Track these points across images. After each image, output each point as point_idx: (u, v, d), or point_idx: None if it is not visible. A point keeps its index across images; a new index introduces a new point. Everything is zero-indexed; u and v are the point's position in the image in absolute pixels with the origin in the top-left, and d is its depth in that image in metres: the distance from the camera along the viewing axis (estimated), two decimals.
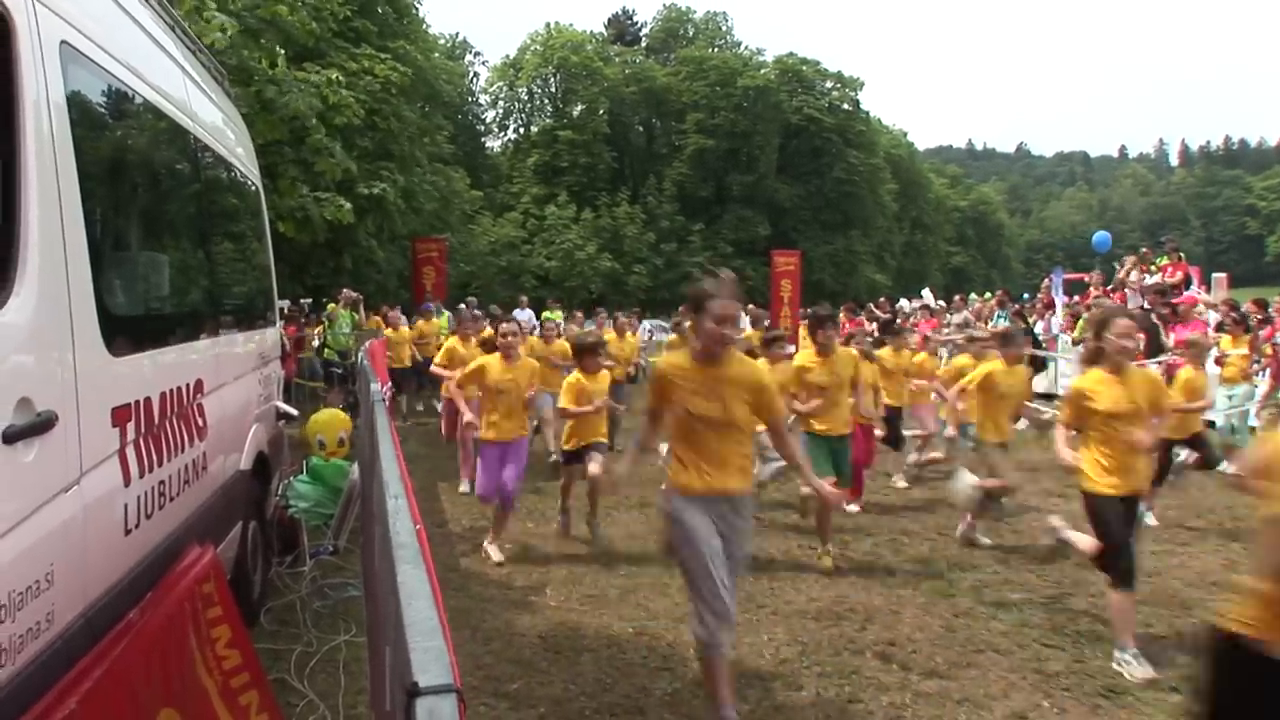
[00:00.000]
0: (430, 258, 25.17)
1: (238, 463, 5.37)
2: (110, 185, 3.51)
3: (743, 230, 62.11)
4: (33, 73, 2.65)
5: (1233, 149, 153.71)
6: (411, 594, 2.09)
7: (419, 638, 1.82)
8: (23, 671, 2.39)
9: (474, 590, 6.58)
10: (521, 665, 5.26)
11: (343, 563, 7.05)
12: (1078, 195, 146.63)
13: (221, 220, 5.72)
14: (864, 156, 66.59)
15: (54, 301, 2.71)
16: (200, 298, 4.93)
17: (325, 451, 7.65)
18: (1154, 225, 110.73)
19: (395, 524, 2.76)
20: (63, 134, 2.82)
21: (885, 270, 68.43)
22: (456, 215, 33.28)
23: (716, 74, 64.92)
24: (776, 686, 5.01)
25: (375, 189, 21.19)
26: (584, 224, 57.36)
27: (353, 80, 19.38)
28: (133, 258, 3.90)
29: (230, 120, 6.41)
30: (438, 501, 9.47)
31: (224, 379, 5.03)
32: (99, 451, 3.02)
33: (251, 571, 5.70)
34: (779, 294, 28.86)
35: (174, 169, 4.58)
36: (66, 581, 2.68)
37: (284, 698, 4.60)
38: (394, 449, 4.34)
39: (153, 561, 3.48)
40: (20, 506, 2.47)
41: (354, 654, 5.30)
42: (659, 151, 66.94)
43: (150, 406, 3.59)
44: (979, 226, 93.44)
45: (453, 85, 39.02)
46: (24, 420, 2.46)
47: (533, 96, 67.25)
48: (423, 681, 1.61)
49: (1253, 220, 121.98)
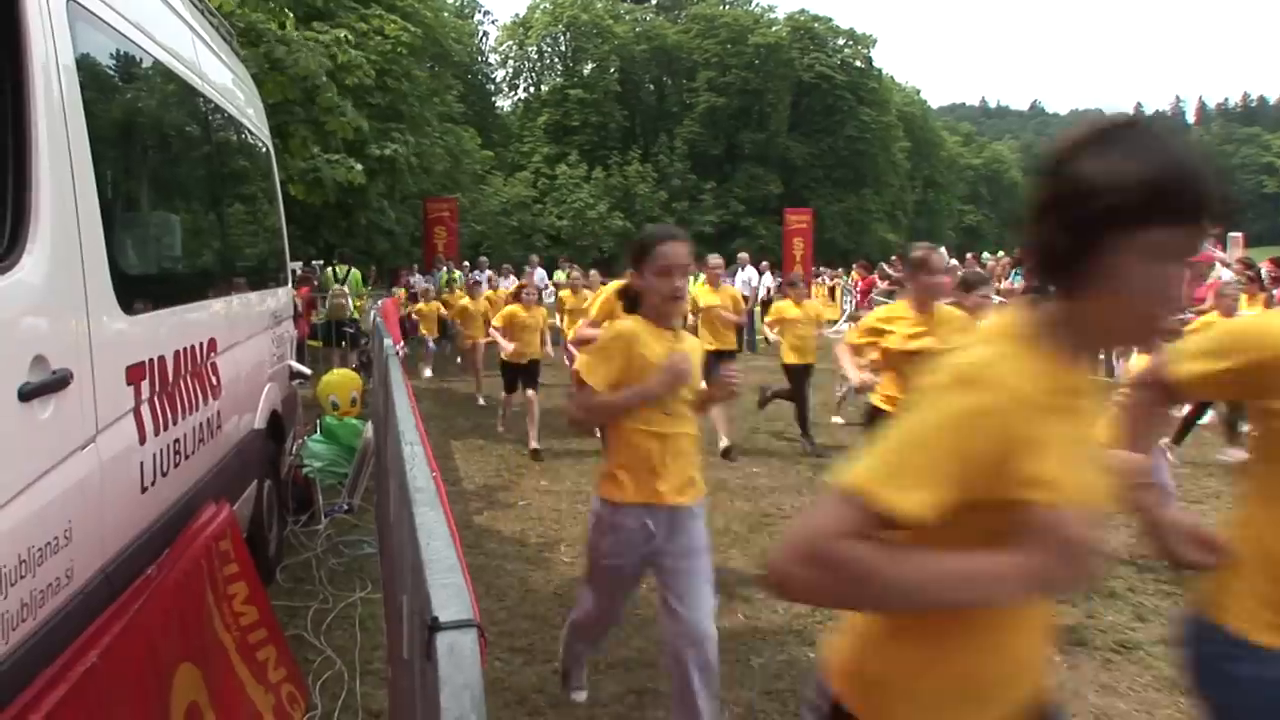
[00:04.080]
0: (441, 218, 25.19)
1: (252, 422, 5.40)
2: (120, 146, 3.51)
3: (754, 189, 61.77)
4: (41, 33, 2.63)
5: (1251, 106, 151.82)
6: (430, 534, 2.10)
7: (438, 575, 1.82)
8: (44, 625, 2.42)
9: (488, 547, 6.63)
10: (536, 620, 5.31)
11: (357, 521, 7.11)
12: None
13: (232, 181, 5.72)
14: (876, 114, 66.04)
15: (67, 261, 2.72)
16: (212, 258, 4.94)
17: (339, 412, 7.69)
18: None
19: (412, 469, 2.77)
20: (72, 94, 2.82)
21: (898, 229, 67.99)
22: (467, 175, 33.14)
23: (727, 31, 64.34)
24: (790, 641, 5.05)
25: (386, 150, 21.11)
26: (595, 183, 57.11)
27: (363, 40, 19.25)
28: (144, 218, 3.91)
29: (240, 81, 6.39)
30: (451, 460, 9.52)
31: (237, 338, 5.05)
32: (114, 409, 3.04)
33: (267, 529, 5.75)
34: (791, 252, 28.80)
35: (184, 129, 4.57)
36: (85, 537, 2.70)
37: (301, 653, 4.66)
38: (409, 400, 4.36)
39: (169, 519, 3.51)
40: (38, 464, 2.49)
41: (370, 610, 5.35)
42: (670, 110, 66.48)
43: (164, 365, 3.60)
44: (992, 185, 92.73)
45: (462, 45, 38.64)
46: (39, 378, 2.48)
47: (543, 55, 66.78)
48: (443, 617, 1.61)
49: (1270, 179, 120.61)
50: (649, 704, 4.36)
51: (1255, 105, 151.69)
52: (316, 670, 4.61)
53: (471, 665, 1.55)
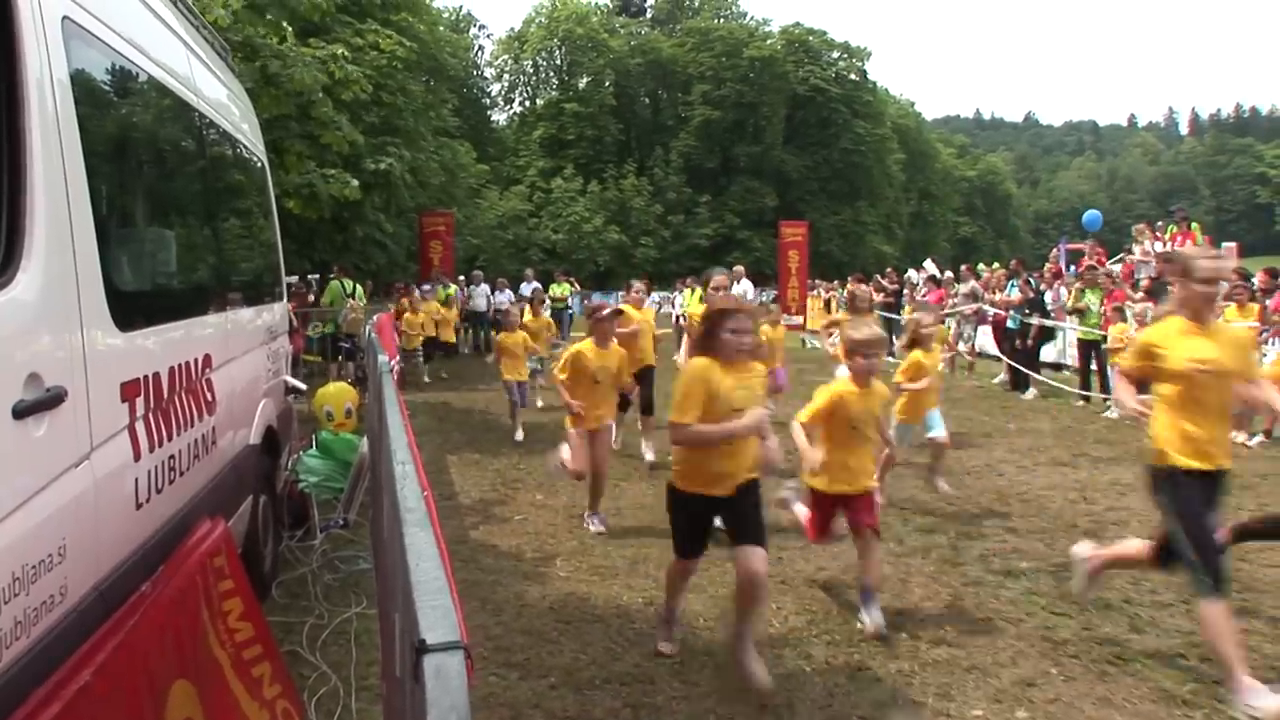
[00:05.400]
0: (437, 231, 25.18)
1: (247, 437, 5.40)
2: (115, 162, 3.51)
3: (750, 201, 62.00)
4: (35, 49, 2.64)
5: (1244, 117, 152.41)
6: (419, 555, 2.10)
7: (426, 597, 1.83)
8: (38, 643, 2.42)
9: (484, 562, 6.62)
10: (532, 635, 5.30)
11: (353, 536, 7.10)
12: (1086, 165, 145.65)
13: (227, 196, 5.72)
14: (871, 127, 66.35)
15: (61, 278, 2.72)
16: (207, 274, 4.94)
17: (333, 424, 7.68)
18: (1163, 195, 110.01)
19: (403, 489, 2.78)
20: (67, 110, 2.82)
21: (893, 241, 68.25)
22: (463, 189, 33.18)
23: (722, 45, 64.65)
24: (786, 654, 5.04)
25: (382, 164, 21.14)
26: (590, 196, 57.28)
27: (359, 55, 19.28)
28: (139, 234, 3.91)
29: (235, 96, 6.40)
30: (446, 474, 9.51)
31: (232, 354, 5.05)
32: (109, 426, 3.04)
33: (262, 545, 5.74)
34: (787, 265, 28.81)
35: (179, 145, 4.58)
36: (79, 555, 2.70)
37: (296, 669, 4.64)
38: (402, 418, 4.36)
39: (164, 535, 3.51)
40: (32, 481, 2.49)
41: (365, 626, 5.34)
42: (665, 123, 66.74)
43: (159, 381, 3.60)
44: (987, 196, 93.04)
45: (457, 58, 38.82)
46: (33, 396, 2.48)
47: (538, 69, 67.09)
48: (430, 639, 1.62)
49: (1263, 189, 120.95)
50: (645, 718, 4.35)
51: (1248, 116, 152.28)
52: (312, 686, 4.59)
53: (458, 687, 1.55)
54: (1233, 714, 4.29)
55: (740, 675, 4.52)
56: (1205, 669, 4.71)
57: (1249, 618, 5.41)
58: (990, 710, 4.42)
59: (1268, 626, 5.32)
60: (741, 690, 4.54)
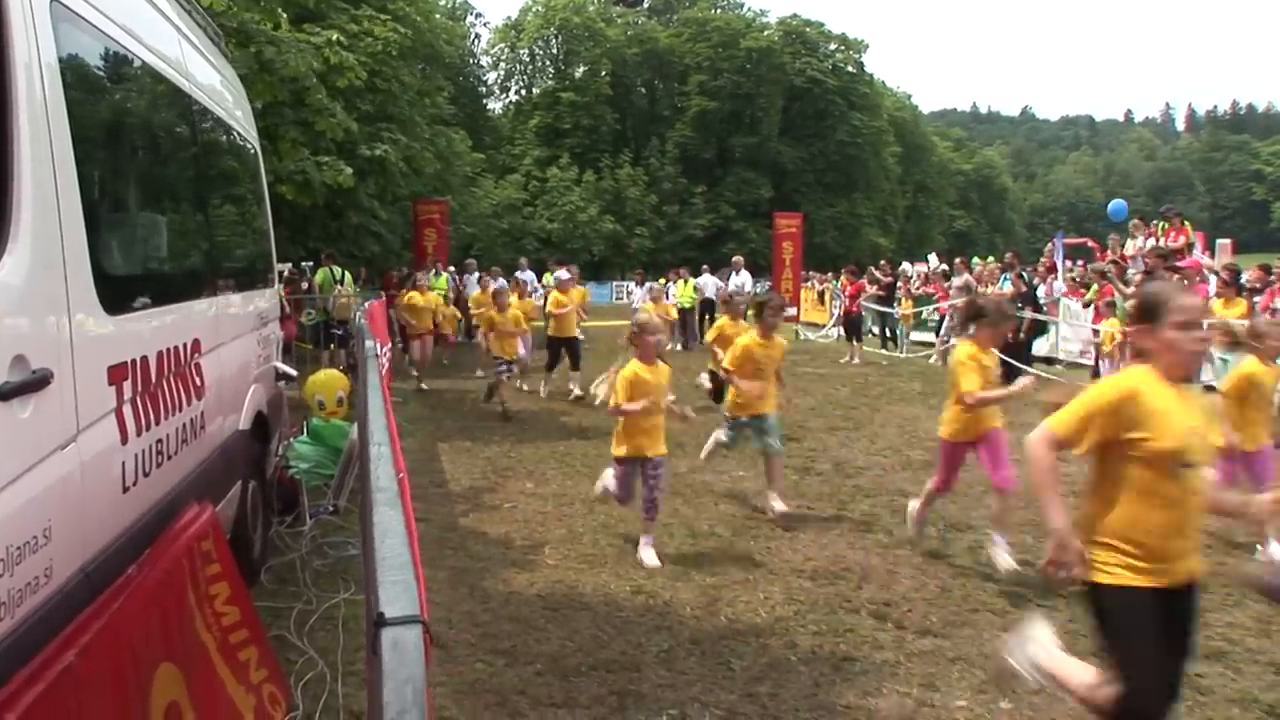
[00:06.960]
0: (432, 219, 25.09)
1: (237, 422, 5.40)
2: (105, 147, 3.51)
3: (745, 192, 61.99)
4: (23, 33, 2.64)
5: (1240, 114, 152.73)
6: (385, 532, 2.11)
7: (389, 572, 1.84)
8: (22, 624, 2.43)
9: (473, 549, 6.63)
10: (519, 623, 5.31)
11: (342, 522, 7.11)
12: (1082, 159, 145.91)
13: (219, 182, 5.71)
14: (867, 119, 66.34)
15: (48, 261, 2.73)
16: (198, 259, 4.94)
17: (325, 412, 7.69)
18: (1159, 190, 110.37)
19: (376, 470, 2.80)
20: (55, 94, 2.82)
21: (888, 233, 68.29)
22: (458, 177, 33.07)
23: (719, 35, 64.59)
24: (772, 644, 5.06)
25: (376, 150, 21.07)
26: (586, 186, 57.23)
27: (354, 42, 19.18)
28: (128, 219, 3.91)
29: (228, 82, 6.39)
30: (437, 461, 9.53)
31: (222, 339, 5.05)
32: (95, 409, 3.05)
33: (251, 530, 5.74)
34: (781, 256, 28.75)
35: (169, 130, 4.57)
36: (64, 537, 2.71)
37: (283, 654, 4.66)
38: (383, 402, 4.37)
39: (151, 519, 3.52)
40: (17, 463, 2.49)
41: (353, 611, 5.35)
42: (661, 113, 66.70)
43: (147, 365, 3.61)
44: (982, 190, 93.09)
45: (453, 47, 38.63)
46: (19, 378, 2.49)
47: (534, 58, 66.93)
48: (389, 613, 1.63)
49: (1259, 186, 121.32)
50: (630, 705, 4.36)
51: (1244, 113, 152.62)
52: (299, 671, 4.60)
53: (415, 660, 1.56)
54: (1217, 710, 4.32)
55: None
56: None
57: (1234, 611, 5.45)
58: (974, 701, 4.45)
59: (1251, 620, 5.36)
60: (727, 676, 4.57)
